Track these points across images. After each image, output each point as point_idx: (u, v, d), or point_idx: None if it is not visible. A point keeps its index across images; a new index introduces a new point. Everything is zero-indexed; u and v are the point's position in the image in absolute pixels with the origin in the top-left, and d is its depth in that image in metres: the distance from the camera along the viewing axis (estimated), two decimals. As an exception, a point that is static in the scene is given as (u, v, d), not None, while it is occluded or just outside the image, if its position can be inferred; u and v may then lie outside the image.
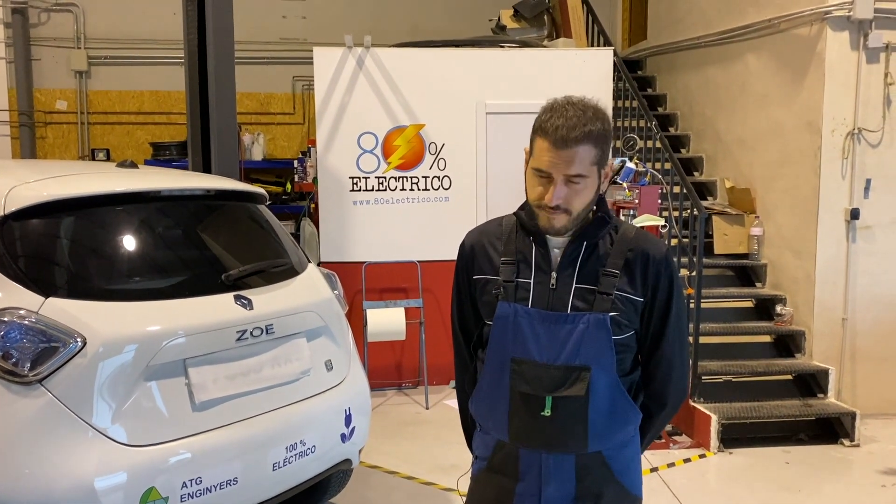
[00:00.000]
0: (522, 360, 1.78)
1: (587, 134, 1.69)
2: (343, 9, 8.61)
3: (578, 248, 1.79)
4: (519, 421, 1.80)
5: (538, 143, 1.74)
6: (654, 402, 1.92)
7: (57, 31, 8.27)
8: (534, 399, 1.77)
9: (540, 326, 1.77)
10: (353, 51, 5.94)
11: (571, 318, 1.75)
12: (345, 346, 3.55)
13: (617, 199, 5.01)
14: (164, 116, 8.53)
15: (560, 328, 1.76)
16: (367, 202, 6.06)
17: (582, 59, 6.22)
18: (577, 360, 1.75)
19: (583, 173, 1.71)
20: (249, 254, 3.37)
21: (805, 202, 5.55)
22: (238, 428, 2.91)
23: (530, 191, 1.78)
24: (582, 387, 1.75)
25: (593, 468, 1.81)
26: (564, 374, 1.75)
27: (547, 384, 1.76)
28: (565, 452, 1.79)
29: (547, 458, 1.80)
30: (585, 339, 1.74)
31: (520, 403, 1.79)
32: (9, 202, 2.77)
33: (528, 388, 1.78)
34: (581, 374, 1.75)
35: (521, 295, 1.80)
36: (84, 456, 2.55)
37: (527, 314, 1.78)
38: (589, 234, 1.80)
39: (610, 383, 1.78)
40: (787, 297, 5.75)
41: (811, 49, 5.46)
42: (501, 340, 1.80)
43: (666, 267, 1.82)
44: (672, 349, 1.86)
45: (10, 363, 2.51)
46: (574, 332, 1.75)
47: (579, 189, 1.72)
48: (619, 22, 9.28)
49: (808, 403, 5.19)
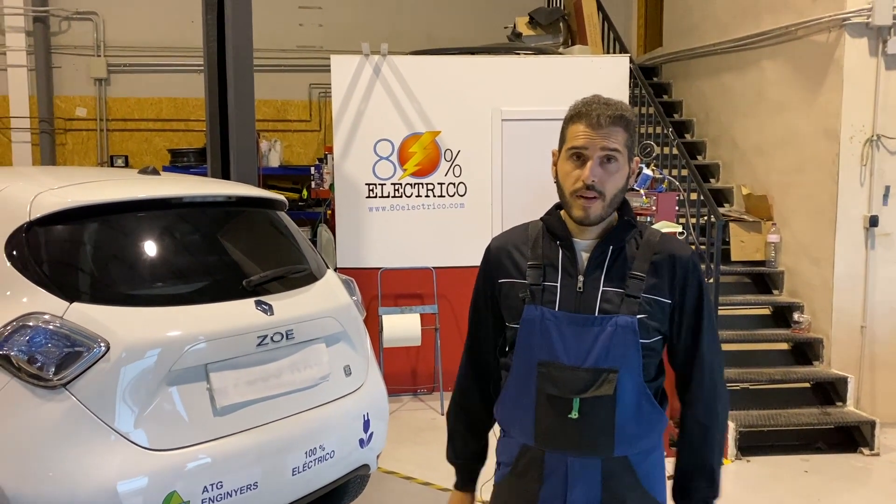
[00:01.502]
0: (549, 362, 1.78)
1: (619, 117, 1.76)
2: (359, 17, 8.67)
3: (605, 251, 1.80)
4: (546, 424, 1.80)
5: (573, 129, 1.78)
6: (705, 412, 1.87)
7: (77, 39, 8.38)
8: (561, 401, 1.78)
9: (567, 329, 1.77)
10: (369, 58, 5.98)
11: (599, 320, 1.76)
12: (363, 352, 3.57)
13: (634, 205, 5.01)
14: (182, 123, 8.60)
15: (588, 331, 1.76)
16: (383, 209, 6.09)
17: (598, 66, 6.23)
18: (605, 362, 1.75)
19: (618, 148, 1.75)
20: (269, 260, 3.40)
21: (823, 209, 5.52)
22: (258, 433, 2.93)
23: (564, 179, 1.79)
24: (610, 387, 1.75)
25: (619, 473, 1.80)
26: (593, 376, 1.76)
27: (574, 386, 1.76)
28: (592, 456, 1.79)
29: (573, 461, 1.79)
30: (614, 342, 1.75)
31: (547, 406, 1.80)
32: (34, 208, 2.81)
33: (555, 391, 1.78)
34: (609, 375, 1.75)
35: (547, 298, 1.80)
36: (107, 460, 2.58)
37: (554, 317, 1.78)
38: (614, 238, 1.81)
39: (636, 387, 1.78)
40: (804, 304, 5.72)
41: (829, 56, 5.44)
42: (528, 343, 1.81)
43: (693, 268, 1.83)
44: (711, 351, 1.86)
45: (36, 367, 2.55)
46: (602, 335, 1.75)
47: (612, 170, 1.75)
48: (635, 29, 9.28)
49: (826, 412, 5.15)
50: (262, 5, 6.73)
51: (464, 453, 2.05)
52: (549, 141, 1.97)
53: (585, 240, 1.82)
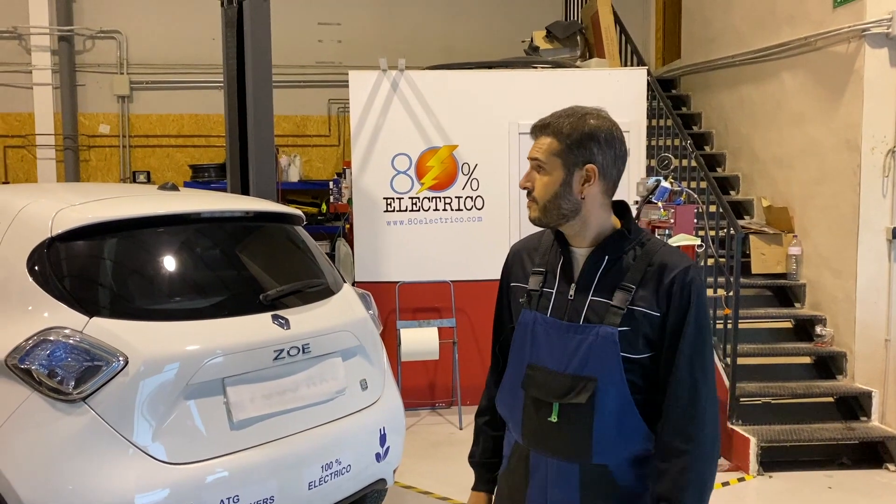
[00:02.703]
0: (537, 365, 1.85)
1: (545, 126, 1.82)
2: (377, 32, 8.74)
3: (599, 261, 1.82)
4: (531, 424, 1.87)
5: None
6: (674, 434, 1.74)
7: (101, 57, 8.53)
8: (543, 404, 1.83)
9: (554, 335, 1.82)
10: (387, 74, 6.02)
11: (582, 328, 1.79)
12: (379, 366, 3.57)
13: (652, 218, 4.99)
14: (202, 139, 8.71)
15: (571, 338, 1.80)
16: (401, 222, 6.11)
17: (615, 79, 6.23)
18: (584, 370, 1.78)
19: (540, 158, 1.80)
20: (286, 274, 3.42)
21: (844, 221, 5.46)
22: (275, 447, 2.94)
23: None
24: (585, 395, 1.76)
25: (598, 481, 1.80)
26: (572, 382, 1.79)
27: (555, 391, 1.81)
28: (570, 460, 1.81)
29: (552, 463, 1.84)
30: (593, 351, 1.77)
31: (531, 407, 1.86)
32: (55, 224, 2.85)
33: (538, 394, 1.84)
34: (587, 384, 1.77)
35: (542, 304, 1.86)
36: (125, 473, 2.61)
37: (544, 322, 1.84)
38: (609, 248, 1.82)
39: (619, 398, 1.76)
40: (826, 317, 5.65)
41: (849, 66, 5.40)
42: (521, 346, 1.89)
43: (684, 277, 1.76)
44: (691, 368, 1.74)
45: (56, 381, 2.58)
46: (584, 344, 1.78)
47: (540, 177, 1.81)
48: (653, 41, 9.27)
49: (850, 427, 5.07)
50: (281, 22, 6.81)
51: (485, 452, 2.08)
52: None
53: (582, 246, 1.85)
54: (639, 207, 5.06)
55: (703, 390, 1.76)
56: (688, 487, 1.73)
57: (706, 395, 1.77)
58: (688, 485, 1.73)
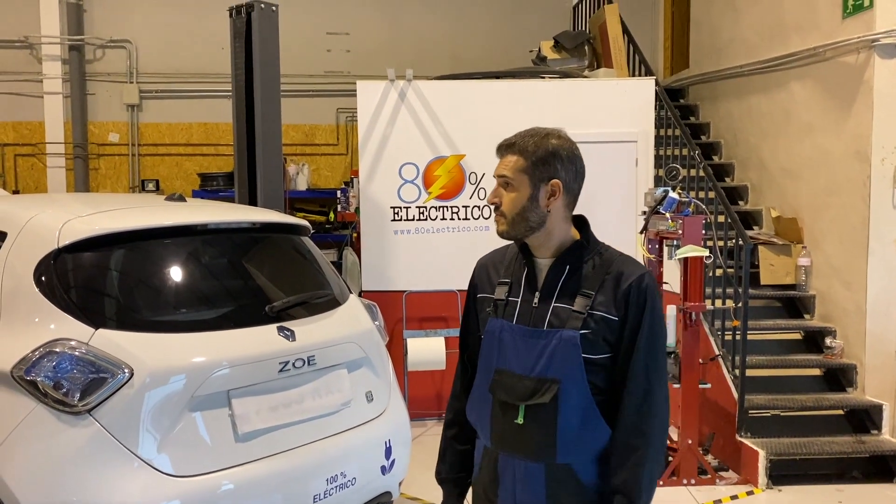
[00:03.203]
0: (504, 370, 1.95)
1: (511, 145, 1.95)
2: (386, 42, 8.77)
3: (561, 270, 1.95)
4: (498, 427, 1.97)
5: None
6: (630, 431, 1.87)
7: (111, 66, 8.58)
8: (510, 407, 1.93)
9: (520, 341, 1.93)
10: (395, 84, 6.04)
11: (546, 333, 1.90)
12: (385, 378, 3.56)
13: (660, 229, 4.97)
14: (211, 148, 8.74)
15: (536, 343, 1.91)
16: (408, 231, 6.11)
17: (623, 89, 6.22)
18: (548, 373, 1.89)
19: (508, 175, 1.93)
20: (293, 285, 3.42)
21: (854, 232, 5.42)
22: (280, 459, 2.93)
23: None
24: (549, 396, 1.88)
25: (563, 479, 1.91)
26: (536, 384, 1.90)
27: (521, 393, 1.91)
28: (537, 461, 1.92)
29: (519, 464, 1.94)
30: (556, 354, 1.88)
31: (499, 411, 1.96)
32: (62, 236, 2.86)
33: (505, 397, 1.94)
34: (550, 385, 1.88)
35: (508, 312, 1.97)
36: (130, 485, 2.60)
37: (510, 329, 1.95)
38: (569, 258, 1.96)
39: (581, 398, 1.88)
40: (836, 329, 5.60)
41: (858, 77, 5.37)
42: (489, 352, 2.00)
43: (639, 284, 1.90)
44: (646, 369, 1.88)
45: (61, 393, 2.58)
46: (548, 348, 1.89)
47: (507, 193, 1.94)
48: (661, 50, 9.26)
49: (861, 440, 5.02)
50: (290, 31, 6.85)
51: (452, 468, 2.17)
52: None
53: (545, 257, 1.98)
54: (646, 218, 5.04)
55: (656, 389, 1.90)
56: (642, 481, 1.86)
57: (659, 393, 1.91)
58: (642, 478, 1.86)
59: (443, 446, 2.21)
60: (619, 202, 6.08)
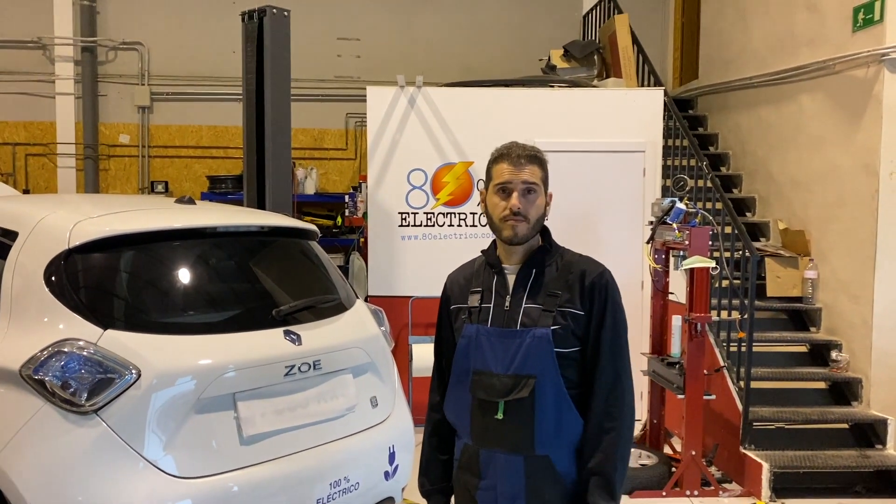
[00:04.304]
0: (481, 371, 2.09)
1: (534, 156, 2.13)
2: (396, 48, 8.80)
3: (528, 274, 2.12)
4: (478, 424, 2.10)
5: (498, 168, 2.12)
6: (603, 417, 2.03)
7: (123, 68, 8.64)
8: (489, 404, 2.07)
9: (496, 342, 2.08)
10: (405, 90, 6.06)
11: (520, 333, 2.06)
12: (390, 383, 3.57)
13: (667, 239, 4.97)
14: (221, 150, 8.78)
15: (511, 342, 2.06)
16: (416, 237, 6.13)
17: (632, 99, 6.23)
18: (524, 369, 2.03)
19: (536, 182, 2.10)
20: (300, 289, 3.43)
21: (862, 245, 5.41)
22: (284, 463, 2.94)
23: (493, 209, 2.12)
24: (527, 391, 2.02)
25: (541, 470, 2.05)
26: (514, 381, 2.04)
27: (499, 390, 2.05)
28: (516, 453, 2.06)
29: (500, 457, 2.07)
30: (531, 351, 2.03)
31: (478, 409, 2.10)
32: (73, 236, 2.88)
33: (484, 395, 2.08)
34: (527, 381, 2.03)
35: (482, 317, 2.12)
36: (135, 486, 2.61)
37: (486, 332, 2.10)
38: (536, 262, 2.12)
39: (555, 392, 2.03)
40: (842, 342, 5.59)
41: (868, 91, 5.37)
42: (466, 355, 2.13)
43: (600, 280, 2.09)
44: (613, 359, 2.06)
45: (69, 392, 2.60)
46: (522, 346, 2.04)
47: (532, 199, 2.09)
48: (670, 61, 9.26)
49: (865, 454, 5.01)
50: (301, 36, 6.88)
51: (436, 481, 2.28)
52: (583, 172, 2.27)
53: (512, 264, 2.14)
54: (653, 228, 5.04)
55: (623, 375, 2.08)
56: (617, 460, 2.03)
57: (626, 380, 2.09)
58: (616, 458, 2.03)
59: (425, 459, 2.31)
60: (625, 212, 6.09)
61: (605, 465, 2.02)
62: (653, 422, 5.32)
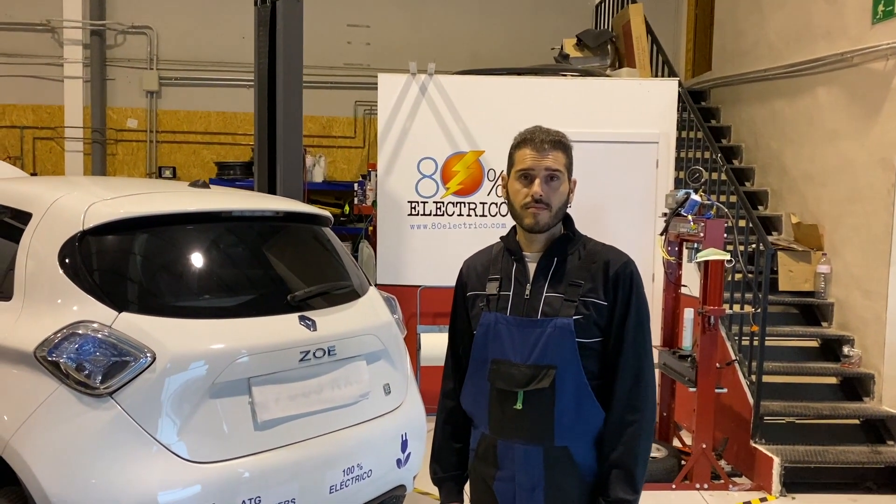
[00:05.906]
0: (500, 360, 2.04)
1: (558, 142, 2.06)
2: (406, 36, 8.75)
3: (550, 262, 2.06)
4: (496, 414, 2.05)
5: (520, 154, 2.06)
6: (625, 409, 1.99)
7: (131, 52, 8.60)
8: (508, 394, 2.02)
9: (516, 331, 2.02)
10: (416, 77, 6.01)
11: (541, 322, 2.00)
12: (403, 371, 3.55)
13: (681, 231, 4.93)
14: (229, 137, 8.75)
15: (531, 332, 2.00)
16: (425, 226, 6.09)
17: (646, 89, 6.18)
18: (544, 359, 1.98)
19: (560, 169, 2.03)
20: (314, 275, 3.41)
21: (876, 240, 5.36)
22: (297, 448, 2.92)
23: (515, 196, 2.05)
24: (548, 381, 1.97)
25: (560, 461, 2.01)
26: (534, 371, 1.99)
27: (519, 380, 2.00)
28: (535, 444, 2.01)
29: (519, 448, 2.03)
30: (551, 341, 1.98)
31: (497, 399, 2.05)
32: (87, 218, 2.85)
33: (503, 385, 2.02)
34: (548, 371, 1.98)
35: (501, 305, 2.06)
36: (148, 470, 2.59)
37: (505, 321, 2.04)
38: (558, 250, 2.06)
39: (576, 382, 1.99)
40: (855, 338, 5.55)
41: (886, 84, 5.31)
42: (484, 344, 2.07)
43: (625, 270, 2.03)
44: (636, 351, 2.01)
45: (83, 375, 2.58)
46: (543, 335, 1.99)
47: (556, 186, 2.03)
48: (683, 52, 9.20)
49: (877, 450, 4.98)
50: (310, 22, 6.81)
51: (448, 468, 2.23)
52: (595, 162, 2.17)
53: (533, 252, 2.08)
54: (667, 219, 5.00)
55: (645, 368, 2.03)
56: (639, 453, 1.99)
57: (648, 371, 2.04)
58: (638, 451, 1.99)
59: (437, 446, 2.26)
60: (638, 203, 6.04)
61: (627, 458, 1.98)
62: (662, 415, 5.29)
